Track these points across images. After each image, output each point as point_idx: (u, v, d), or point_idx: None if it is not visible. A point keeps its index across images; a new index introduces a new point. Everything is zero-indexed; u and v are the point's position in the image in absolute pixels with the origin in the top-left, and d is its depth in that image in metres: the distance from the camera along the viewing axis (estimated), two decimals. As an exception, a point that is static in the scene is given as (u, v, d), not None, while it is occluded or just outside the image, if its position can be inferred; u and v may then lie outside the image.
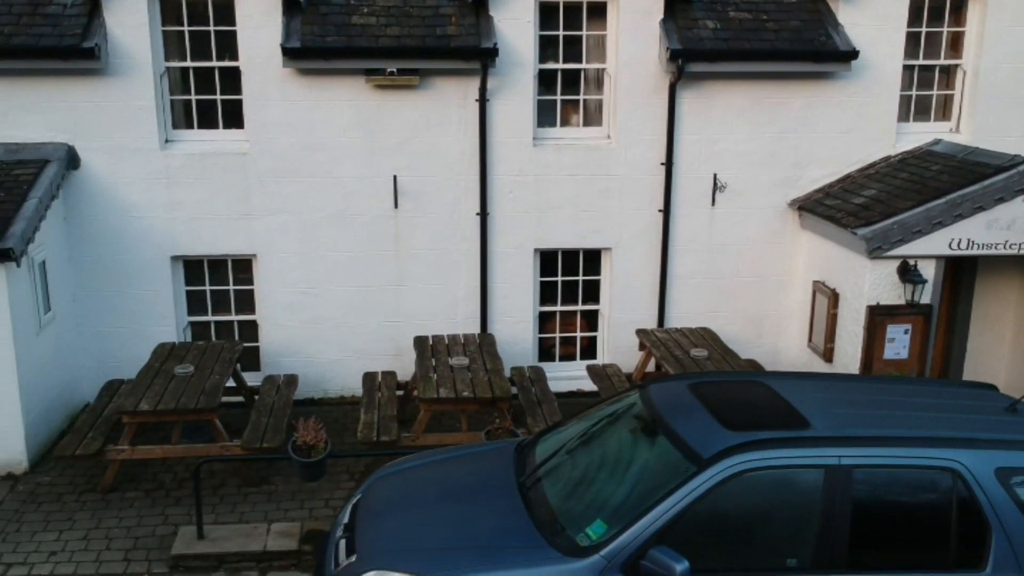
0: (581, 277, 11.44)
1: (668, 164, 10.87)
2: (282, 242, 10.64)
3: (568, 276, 11.42)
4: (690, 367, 9.72)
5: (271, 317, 10.89)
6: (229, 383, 9.64)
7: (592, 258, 11.35)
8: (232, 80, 10.33)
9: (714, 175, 11.01)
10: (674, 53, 10.27)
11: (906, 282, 9.74)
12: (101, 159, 10.18)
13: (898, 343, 9.94)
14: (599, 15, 10.69)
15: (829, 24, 10.74)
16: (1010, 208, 9.57)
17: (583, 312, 11.60)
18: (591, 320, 11.64)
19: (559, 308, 11.52)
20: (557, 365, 11.52)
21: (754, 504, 5.62)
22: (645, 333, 10.89)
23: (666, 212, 11.02)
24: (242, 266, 10.89)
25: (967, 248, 9.74)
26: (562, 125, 11.00)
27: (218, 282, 10.92)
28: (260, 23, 10.04)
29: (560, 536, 5.71)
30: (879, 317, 9.84)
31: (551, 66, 10.77)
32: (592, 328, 11.66)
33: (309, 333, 10.93)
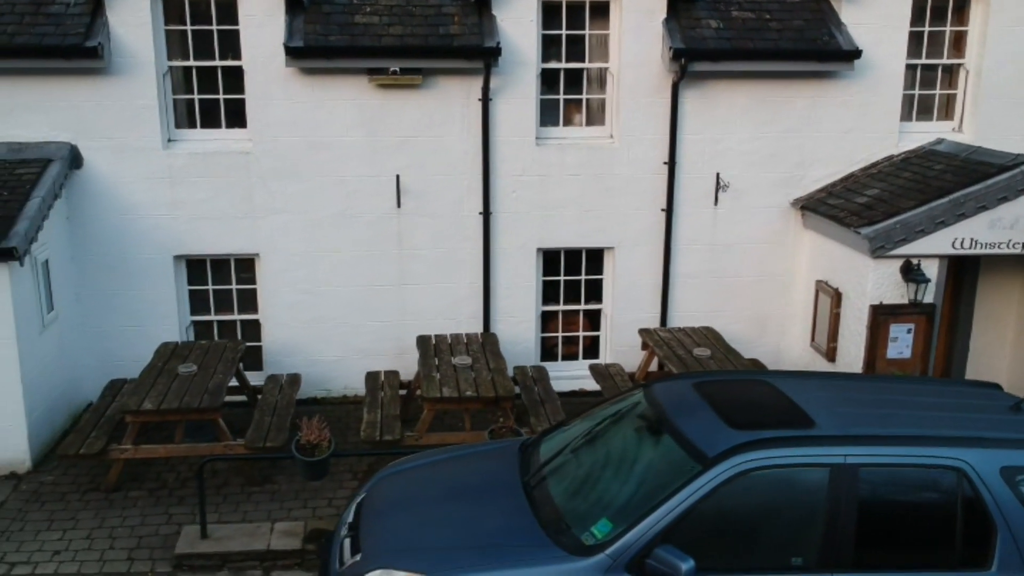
0: (584, 276, 11.43)
1: (671, 163, 10.87)
2: (285, 241, 10.64)
3: (571, 275, 11.41)
4: (693, 366, 9.71)
5: (274, 316, 10.89)
6: (232, 382, 9.65)
7: (595, 257, 11.35)
8: (235, 79, 10.33)
9: (717, 174, 11.01)
10: (677, 52, 10.27)
11: (909, 281, 9.74)
12: (104, 158, 10.18)
13: (901, 342, 9.94)
14: (602, 14, 10.69)
15: (832, 24, 10.74)
16: (1013, 207, 9.57)
17: (586, 311, 11.59)
18: (594, 320, 11.63)
19: (562, 307, 11.52)
20: (560, 364, 11.52)
21: (759, 503, 5.62)
22: (648, 332, 10.89)
23: (669, 211, 11.02)
24: (245, 265, 10.89)
25: (970, 247, 9.74)
26: (565, 124, 11.00)
27: (221, 281, 10.91)
28: (263, 22, 10.03)
29: (565, 535, 5.70)
30: (882, 316, 9.85)
31: (554, 65, 10.77)
32: (595, 327, 11.65)
33: (312, 332, 10.93)
